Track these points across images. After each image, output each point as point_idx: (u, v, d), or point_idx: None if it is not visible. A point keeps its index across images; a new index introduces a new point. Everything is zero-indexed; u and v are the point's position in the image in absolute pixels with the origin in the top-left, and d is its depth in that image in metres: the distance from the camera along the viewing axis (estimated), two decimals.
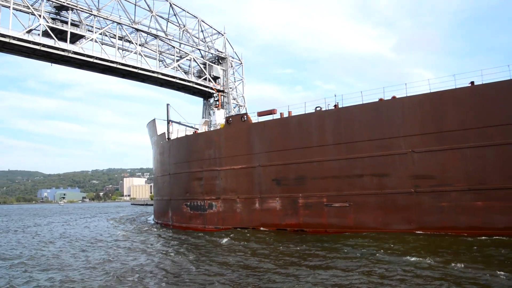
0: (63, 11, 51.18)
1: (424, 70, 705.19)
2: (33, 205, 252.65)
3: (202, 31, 64.63)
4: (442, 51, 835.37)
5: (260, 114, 39.73)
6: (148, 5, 57.21)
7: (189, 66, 63.26)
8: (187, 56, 62.20)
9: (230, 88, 65.84)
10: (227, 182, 41.29)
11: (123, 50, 57.96)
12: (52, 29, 47.72)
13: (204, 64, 64.36)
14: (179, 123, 54.27)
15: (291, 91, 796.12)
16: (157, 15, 58.80)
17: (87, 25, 53.40)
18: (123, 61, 53.45)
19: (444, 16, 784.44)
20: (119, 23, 55.16)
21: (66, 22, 49.95)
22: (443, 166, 28.74)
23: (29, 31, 46.32)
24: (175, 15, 60.71)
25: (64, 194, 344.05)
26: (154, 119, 56.19)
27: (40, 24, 47.14)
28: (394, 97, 32.25)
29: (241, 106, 67.11)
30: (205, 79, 63.12)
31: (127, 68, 54.36)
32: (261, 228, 37.49)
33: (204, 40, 65.53)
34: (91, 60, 50.65)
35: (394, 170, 30.69)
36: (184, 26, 62.43)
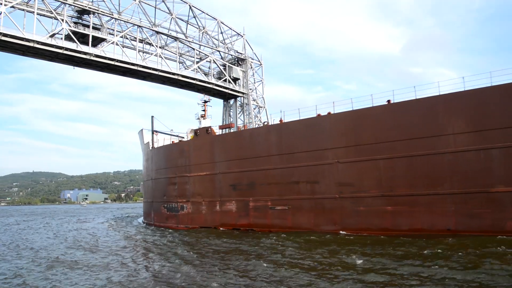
0: (85, 15, 52.45)
1: (447, 69, 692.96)
2: (56, 206, 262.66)
3: (221, 32, 65.22)
4: (464, 50, 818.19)
5: (221, 127, 44.94)
6: (168, 8, 58.07)
7: (209, 68, 64.08)
8: (207, 57, 62.96)
9: (250, 89, 66.56)
10: (195, 187, 46.42)
11: (143, 52, 59.10)
12: (74, 33, 48.90)
13: (224, 65, 64.93)
14: (164, 133, 59.57)
15: (312, 91, 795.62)
16: (177, 18, 59.64)
17: (108, 28, 54.63)
18: (143, 64, 54.59)
19: (468, 14, 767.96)
20: (139, 26, 56.02)
21: (88, 26, 51.22)
22: (361, 175, 33.00)
23: (52, 35, 47.58)
24: (194, 17, 61.49)
25: (87, 195, 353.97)
26: (142, 129, 61.79)
27: (63, 28, 48.24)
28: (329, 113, 36.62)
29: (261, 107, 68.01)
30: (225, 80, 63.77)
31: (148, 70, 55.33)
32: (221, 228, 42.42)
33: (223, 41, 65.97)
34: (112, 62, 51.94)
35: (323, 178, 35.13)
36: (203, 28, 62.92)
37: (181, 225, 47.45)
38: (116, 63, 52.33)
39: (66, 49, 47.94)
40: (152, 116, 58.77)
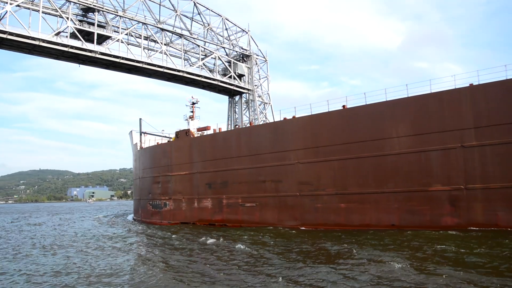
0: (89, 13, 52.51)
1: (454, 64, 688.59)
2: (63, 203, 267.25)
3: (226, 29, 65.16)
4: (470, 44, 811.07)
5: (199, 130, 47.68)
6: (172, 5, 58.19)
7: (214, 65, 64.56)
8: (211, 54, 63.15)
9: (255, 85, 66.63)
10: (176, 185, 49.30)
11: (148, 50, 59.27)
12: (79, 30, 49.14)
13: (229, 62, 65.19)
14: (153, 134, 62.51)
15: (318, 87, 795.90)
16: (182, 15, 59.81)
17: (113, 26, 54.61)
18: (148, 61, 54.76)
19: (475, 7, 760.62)
20: (144, 23, 56.23)
21: (93, 24, 51.29)
22: (318, 175, 35.59)
23: (57, 34, 47.77)
24: (199, 14, 61.49)
25: (93, 193, 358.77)
26: (131, 131, 64.77)
27: (68, 26, 48.36)
28: (294, 117, 39.18)
29: (267, 103, 68.14)
30: (230, 77, 63.96)
31: (153, 68, 55.64)
32: (198, 223, 45.30)
33: (228, 38, 65.97)
34: (117, 60, 52.13)
35: (286, 177, 37.78)
36: (208, 25, 62.96)
37: (164, 221, 50.37)
38: (121, 61, 52.70)
39: (72, 47, 48.39)
40: (140, 119, 61.77)
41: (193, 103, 71.52)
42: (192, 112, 68.81)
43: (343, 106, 35.67)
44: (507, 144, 27.11)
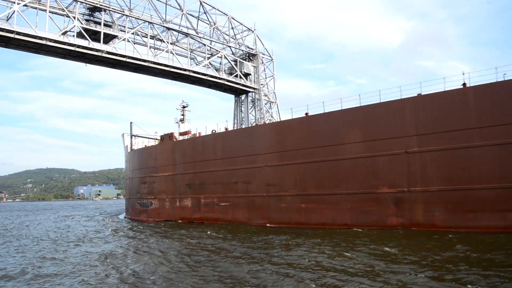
0: (96, 12, 52.87)
1: (460, 62, 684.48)
2: (70, 202, 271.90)
3: (232, 28, 65.40)
4: (476, 42, 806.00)
5: (180, 134, 50.76)
6: (178, 4, 58.37)
7: (220, 64, 64.86)
8: (218, 53, 63.38)
9: (261, 84, 67.06)
10: (161, 185, 52.47)
11: (154, 49, 59.59)
12: (86, 30, 49.57)
13: (235, 61, 65.36)
14: (143, 136, 65.69)
15: (323, 86, 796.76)
16: (188, 14, 59.93)
17: (119, 25, 54.90)
18: (155, 60, 55.07)
19: (481, 5, 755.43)
20: (150, 23, 56.50)
21: (99, 23, 51.60)
22: (283, 177, 38.44)
23: (64, 33, 48.12)
24: (205, 13, 61.65)
25: (100, 191, 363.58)
26: (123, 134, 68.15)
27: (75, 25, 48.80)
28: (265, 123, 42.03)
29: (273, 102, 68.56)
30: (236, 76, 64.21)
31: (159, 67, 55.89)
32: (180, 221, 48.40)
33: (234, 37, 66.19)
34: (123, 59, 52.39)
35: (255, 179, 40.68)
36: (214, 24, 63.15)
37: (150, 219, 53.56)
38: (128, 60, 53.08)
39: (78, 46, 48.93)
40: (131, 122, 65.10)
41: (184, 107, 74.68)
42: (182, 115, 72.00)
43: (306, 113, 38.43)
44: (442, 150, 29.69)
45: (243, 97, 68.52)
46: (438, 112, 30.37)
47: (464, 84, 30.34)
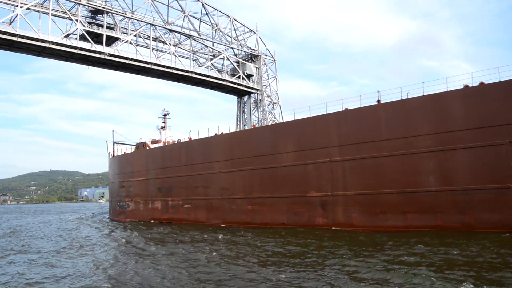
0: (98, 15, 53.70)
1: (464, 62, 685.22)
2: (74, 204, 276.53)
3: (234, 29, 66.18)
4: (481, 42, 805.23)
5: (152, 142, 55.79)
6: (180, 6, 59.14)
7: (223, 65, 65.26)
8: (220, 55, 64.08)
9: (264, 85, 67.90)
10: (136, 189, 57.46)
11: (157, 51, 60.29)
12: (88, 32, 50.36)
13: (237, 62, 66.01)
14: (126, 143, 70.60)
15: (326, 86, 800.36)
16: (190, 15, 60.79)
17: (121, 27, 55.81)
18: (157, 62, 55.96)
19: (485, 5, 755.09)
20: (152, 25, 57.44)
21: (102, 26, 52.56)
22: (234, 182, 43.16)
23: (67, 36, 48.96)
24: (207, 14, 62.36)
25: (103, 193, 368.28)
26: (107, 141, 73.09)
27: (77, 28, 49.57)
28: (222, 133, 46.75)
29: (275, 103, 69.17)
30: (238, 77, 64.95)
31: (162, 69, 56.72)
32: (152, 221, 53.26)
33: (236, 38, 66.98)
34: (126, 61, 53.34)
35: (212, 184, 45.48)
36: (216, 25, 63.87)
37: (128, 219, 58.50)
38: (130, 62, 53.98)
39: (81, 49, 49.55)
40: (113, 131, 70.21)
41: (165, 115, 79.50)
42: (164, 123, 76.82)
43: (253, 125, 43.11)
44: (357, 160, 34.16)
45: (245, 98, 69.49)
46: (356, 125, 34.84)
47: (378, 101, 34.79)
